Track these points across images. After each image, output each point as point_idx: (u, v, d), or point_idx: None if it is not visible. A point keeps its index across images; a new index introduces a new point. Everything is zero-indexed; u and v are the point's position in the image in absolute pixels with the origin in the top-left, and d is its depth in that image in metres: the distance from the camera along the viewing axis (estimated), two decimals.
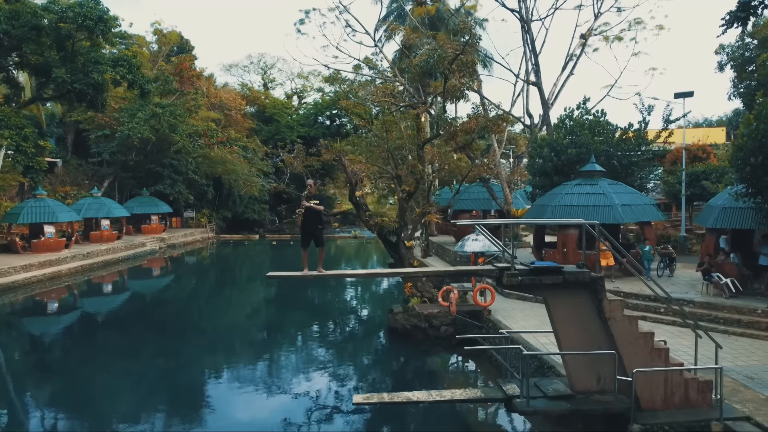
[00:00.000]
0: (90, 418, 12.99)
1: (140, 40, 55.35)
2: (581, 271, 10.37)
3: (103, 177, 47.34)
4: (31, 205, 33.56)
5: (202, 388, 15.27)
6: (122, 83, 19.97)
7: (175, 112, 44.36)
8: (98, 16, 18.14)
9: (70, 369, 17.35)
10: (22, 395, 15.02)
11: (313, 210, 10.22)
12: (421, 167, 20.24)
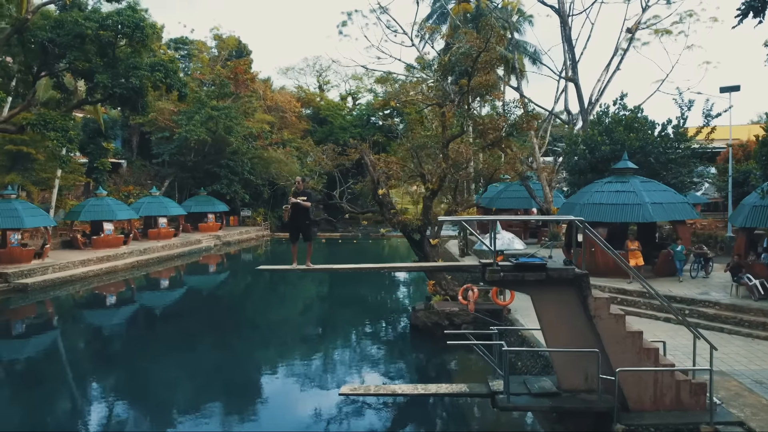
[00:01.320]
0: (146, 407, 13.98)
1: (200, 45, 57.73)
2: (565, 268, 10.25)
3: (164, 177, 49.72)
4: (91, 203, 35.78)
5: (246, 380, 15.93)
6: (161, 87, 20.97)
7: (230, 114, 46.08)
8: (135, 24, 19.22)
9: (127, 359, 18.60)
10: (84, 384, 16.28)
11: (301, 206, 10.57)
12: (444, 165, 20.27)
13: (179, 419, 12.91)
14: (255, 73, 55.54)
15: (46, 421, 13.25)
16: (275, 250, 49.11)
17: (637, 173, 20.79)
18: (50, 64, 20.32)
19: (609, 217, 19.36)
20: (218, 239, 45.91)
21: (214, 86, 49.85)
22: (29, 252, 29.61)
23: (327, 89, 69.23)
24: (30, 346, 21.35)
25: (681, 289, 17.61)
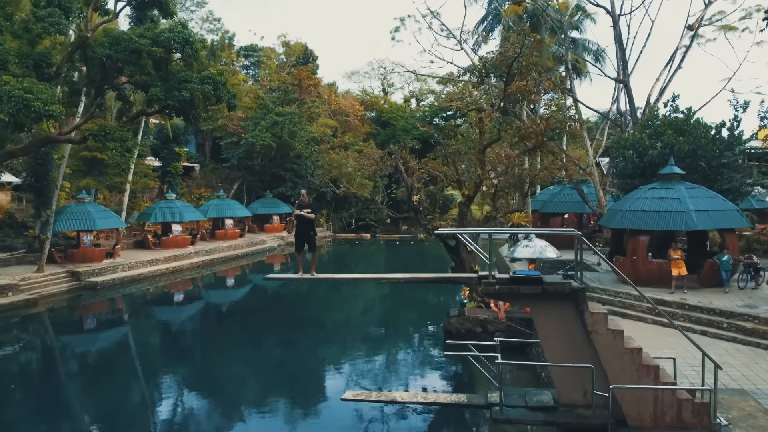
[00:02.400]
0: (209, 399, 15.26)
1: (268, 52, 59.78)
2: (561, 282, 10.19)
3: (234, 180, 51.92)
4: (161, 206, 38.05)
5: (302, 377, 16.95)
6: (211, 98, 22.17)
7: (294, 119, 47.56)
8: (185, 40, 20.41)
9: (189, 353, 20.24)
10: (150, 376, 17.71)
11: (305, 218, 11.06)
12: (480, 171, 20.25)
13: (230, 413, 13.94)
14: (319, 79, 56.89)
15: (117, 411, 14.56)
16: (336, 251, 50.27)
17: (685, 179, 19.96)
18: (111, 77, 21.88)
19: (651, 224, 18.73)
20: (282, 240, 47.49)
21: (279, 92, 51.49)
22: (101, 252, 31.88)
23: (391, 92, 69.84)
24: (99, 340, 23.24)
25: (723, 300, 16.82)
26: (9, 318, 23.45)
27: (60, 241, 32.40)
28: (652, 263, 18.95)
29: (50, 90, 18.03)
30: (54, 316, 25.25)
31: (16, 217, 34.03)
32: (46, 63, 19.87)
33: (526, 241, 19.25)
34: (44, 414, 14.24)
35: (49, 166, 29.94)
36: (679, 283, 18.14)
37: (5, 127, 17.66)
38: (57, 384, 17.42)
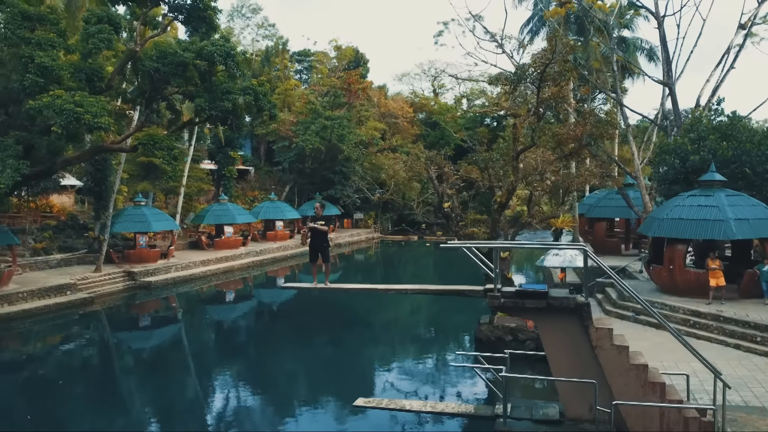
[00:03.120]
0: (265, 395, 16.20)
1: (320, 57, 60.91)
2: (565, 297, 10.19)
3: (286, 183, 53.27)
4: (215, 208, 39.54)
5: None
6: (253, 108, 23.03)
7: (342, 123, 48.38)
8: (226, 53, 21.28)
9: (238, 350, 21.40)
10: (202, 371, 18.83)
11: (318, 230, 11.49)
12: (513, 178, 20.20)
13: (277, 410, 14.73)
14: (368, 83, 57.52)
15: (171, 404, 15.66)
16: (384, 252, 50.79)
17: (728, 186, 19.28)
18: (160, 89, 23.04)
19: (688, 233, 18.20)
20: (330, 241, 48.31)
21: (329, 97, 52.44)
22: (156, 253, 33.48)
23: (441, 93, 69.80)
24: (152, 337, 24.66)
25: (761, 313, 16.17)
26: (67, 316, 25.02)
27: (118, 242, 34.26)
28: (689, 273, 18.42)
29: (100, 103, 19.18)
30: (109, 313, 26.74)
31: (78, 218, 36.16)
32: (98, 77, 21.15)
33: (555, 250, 19.17)
34: (103, 406, 15.44)
35: (107, 171, 31.75)
36: (717, 294, 17.56)
37: (59, 138, 18.90)
38: (112, 378, 18.71)
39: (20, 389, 17.13)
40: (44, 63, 18.85)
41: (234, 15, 66.68)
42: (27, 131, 20.62)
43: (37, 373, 18.81)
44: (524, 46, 25.16)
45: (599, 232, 30.43)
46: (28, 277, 27.56)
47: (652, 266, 19.83)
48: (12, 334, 22.25)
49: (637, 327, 17.90)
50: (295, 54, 65.07)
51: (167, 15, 22.90)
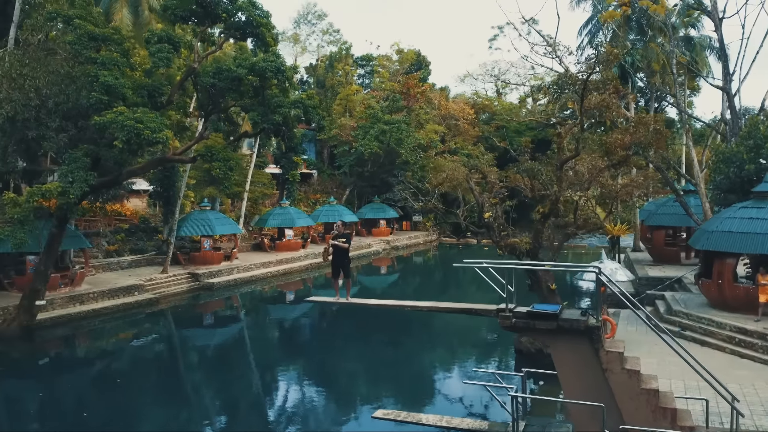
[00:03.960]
0: (329, 392, 17.43)
1: (381, 61, 61.61)
2: (576, 319, 10.20)
3: (346, 186, 54.37)
4: (276, 212, 41.02)
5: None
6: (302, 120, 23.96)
7: (400, 127, 48.87)
8: (276, 68, 22.21)
9: (294, 349, 22.72)
10: (263, 368, 20.23)
11: (340, 247, 12.01)
12: (557, 188, 19.99)
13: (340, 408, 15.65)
14: (427, 86, 57.66)
15: (235, 399, 16.88)
16: (442, 255, 50.88)
17: None
18: (217, 103, 24.30)
19: (738, 247, 17.52)
20: (387, 243, 49.03)
21: (388, 101, 53.06)
22: (219, 255, 35.15)
23: (505, 93, 69.00)
24: (214, 335, 26.27)
25: None
26: (134, 315, 26.82)
27: (186, 245, 36.19)
28: (738, 288, 17.72)
29: (159, 119, 20.51)
30: (173, 313, 28.45)
31: (149, 222, 38.40)
32: (159, 92, 22.57)
33: (596, 262, 18.87)
34: (169, 400, 16.95)
35: (175, 177, 33.65)
36: (766, 310, 16.84)
37: (121, 152, 20.36)
38: (175, 373, 20.26)
39: (90, 383, 18.74)
40: (108, 82, 20.38)
41: (300, 22, 68.54)
42: (95, 144, 22.23)
43: (103, 368, 20.50)
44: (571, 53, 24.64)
45: (658, 240, 29.49)
46: (100, 278, 29.69)
47: (701, 280, 19.18)
48: (82, 332, 24.12)
49: (681, 342, 17.36)
50: (358, 59, 66.06)
51: (223, 32, 24.11)
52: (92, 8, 23.06)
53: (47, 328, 22.89)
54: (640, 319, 20.47)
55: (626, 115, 23.07)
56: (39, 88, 22.24)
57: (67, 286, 26.42)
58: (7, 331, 20.98)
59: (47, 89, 22.23)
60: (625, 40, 30.83)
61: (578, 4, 33.56)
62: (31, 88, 22.17)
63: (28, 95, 22.07)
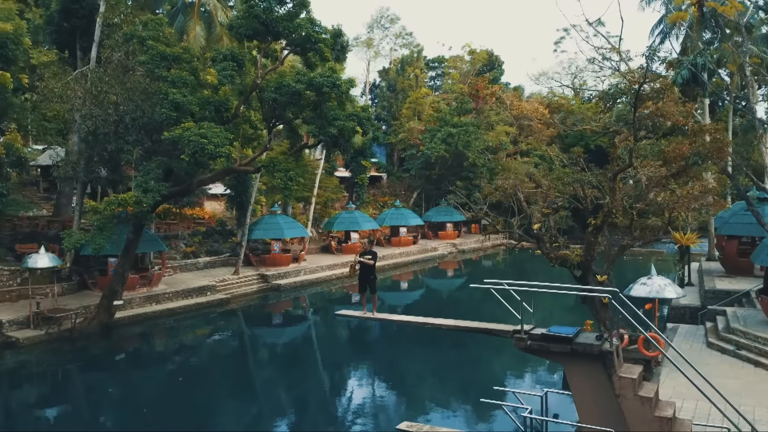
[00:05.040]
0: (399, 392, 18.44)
1: (450, 63, 61.65)
2: (589, 344, 10.24)
3: (414, 189, 54.92)
4: (343, 215, 42.24)
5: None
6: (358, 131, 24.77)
7: (468, 130, 48.84)
8: (332, 83, 23.06)
9: (367, 349, 23.99)
10: (331, 366, 21.58)
11: (366, 264, 12.56)
12: (609, 200, 19.63)
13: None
14: (497, 88, 57.15)
15: (305, 395, 18.16)
16: (512, 259, 50.31)
17: None
18: (280, 116, 25.52)
19: None
20: (454, 247, 49.14)
21: (456, 103, 53.09)
22: (288, 257, 36.67)
23: (581, 92, 67.02)
24: (282, 334, 27.79)
25: None
26: (206, 314, 28.58)
27: (259, 247, 38.00)
28: None
29: (223, 133, 21.82)
30: (242, 312, 30.11)
31: (226, 224, 40.57)
32: (225, 108, 23.99)
33: (644, 278, 18.42)
34: (236, 393, 18.33)
35: (247, 183, 35.40)
36: None
37: (188, 164, 21.87)
38: (245, 369, 21.70)
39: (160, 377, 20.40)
40: (176, 99, 21.92)
41: (374, 26, 69.66)
42: (169, 156, 23.95)
43: (175, 363, 22.23)
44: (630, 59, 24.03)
45: (730, 250, 28.04)
46: (177, 279, 31.78)
47: (761, 296, 18.30)
48: (156, 330, 25.99)
49: (734, 362, 16.80)
50: (429, 61, 66.41)
51: (285, 48, 25.25)
52: (164, 28, 24.74)
53: (124, 326, 24.89)
54: (696, 336, 19.98)
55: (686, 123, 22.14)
56: (117, 104, 24.35)
57: (145, 287, 28.54)
58: (88, 328, 23.01)
59: (124, 105, 24.28)
60: (698, 40, 29.45)
61: (648, 4, 32.33)
62: (109, 104, 24.32)
63: (107, 111, 24.21)
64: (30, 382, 19.60)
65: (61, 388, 19.38)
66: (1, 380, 19.29)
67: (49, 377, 20.24)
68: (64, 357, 21.43)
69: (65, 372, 20.65)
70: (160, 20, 24.71)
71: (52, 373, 20.53)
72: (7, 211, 25.95)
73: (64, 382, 19.90)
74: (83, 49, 29.08)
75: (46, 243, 26.70)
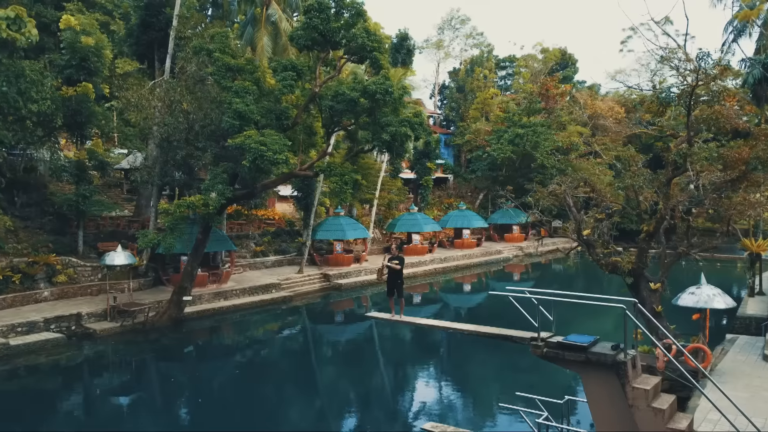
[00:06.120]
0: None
1: (521, 62, 60.86)
2: (603, 353, 10.34)
3: (480, 191, 54.73)
4: (405, 217, 42.88)
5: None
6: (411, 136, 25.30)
7: (537, 130, 48.16)
8: (385, 90, 23.73)
9: (425, 350, 24.53)
10: (395, 364, 22.66)
11: (393, 269, 13.11)
12: (662, 207, 19.20)
13: None
14: (567, 87, 55.92)
15: (368, 391, 19.17)
16: (583, 263, 49.08)
17: None
18: (336, 123, 26.50)
19: None
20: (520, 250, 48.60)
21: (524, 103, 52.45)
22: (350, 258, 37.73)
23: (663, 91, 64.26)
24: (346, 331, 28.86)
25: None
26: (270, 311, 30.03)
27: (324, 247, 39.35)
28: None
29: (282, 140, 22.99)
30: (304, 310, 31.37)
31: (294, 225, 42.20)
32: (285, 116, 25.21)
33: (693, 287, 17.89)
34: (296, 386, 19.52)
35: (312, 186, 36.77)
36: None
37: (249, 170, 23.19)
38: (305, 363, 22.86)
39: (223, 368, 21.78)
40: (239, 109, 23.29)
41: (444, 28, 69.86)
42: (234, 161, 25.43)
43: (238, 355, 23.71)
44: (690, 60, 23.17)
45: None
46: (245, 276, 33.52)
47: None
48: (222, 325, 27.60)
49: None
50: (500, 60, 65.84)
51: (342, 57, 26.16)
52: (230, 41, 26.26)
53: (193, 320, 26.63)
54: (754, 348, 19.18)
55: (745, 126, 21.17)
56: (187, 112, 26.13)
57: (214, 283, 30.34)
58: (159, 321, 24.85)
59: (194, 114, 26.01)
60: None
61: (720, 1, 30.94)
62: (180, 113, 26.12)
63: (178, 119, 26.02)
64: (106, 371, 21.46)
65: (134, 376, 21.11)
66: (81, 368, 21.27)
67: (123, 366, 22.11)
68: (136, 348, 23.27)
69: (138, 361, 22.43)
70: (226, 33, 26.22)
71: (126, 363, 22.42)
72: (90, 212, 28.34)
73: (136, 371, 21.63)
74: (160, 60, 31.19)
75: (126, 242, 29.07)
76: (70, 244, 28.29)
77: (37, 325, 22.17)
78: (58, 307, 24.10)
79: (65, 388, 19.40)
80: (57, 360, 21.07)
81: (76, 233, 28.74)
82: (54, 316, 22.88)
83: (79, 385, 19.98)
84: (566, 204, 21.18)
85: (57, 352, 21.51)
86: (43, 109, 24.17)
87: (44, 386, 19.14)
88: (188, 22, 29.95)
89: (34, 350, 21.04)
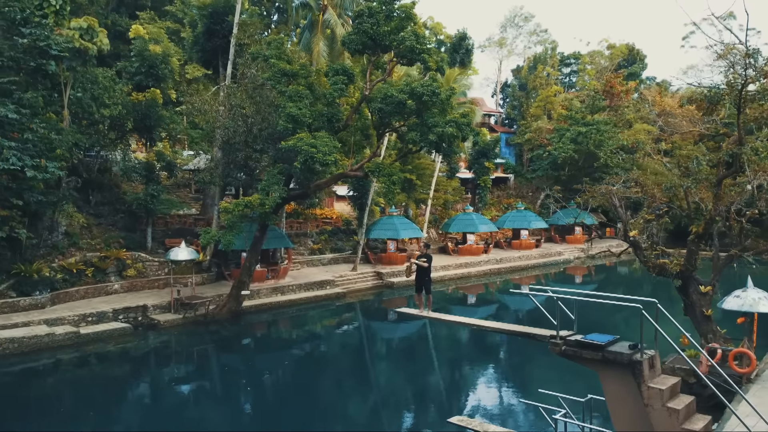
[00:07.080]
0: None
1: (585, 59, 59.51)
2: (619, 352, 10.43)
3: (541, 191, 53.97)
4: (460, 217, 43.02)
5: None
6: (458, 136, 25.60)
7: (600, 129, 47.09)
8: (432, 92, 24.15)
9: (467, 347, 24.93)
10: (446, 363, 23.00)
11: (421, 266, 13.56)
12: (713, 206, 18.73)
13: None
14: (632, 84, 54.21)
15: (405, 384, 19.90)
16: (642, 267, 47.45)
17: None
18: (386, 124, 27.16)
19: None
20: (582, 252, 47.63)
21: (588, 101, 51.35)
22: (403, 257, 38.27)
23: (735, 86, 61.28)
24: (392, 328, 29.38)
25: None
26: (325, 306, 31.09)
27: (379, 245, 40.14)
28: None
29: (331, 142, 23.88)
30: (357, 306, 32.24)
31: (351, 224, 43.21)
32: (336, 118, 26.09)
33: (739, 291, 17.34)
34: (346, 379, 20.61)
35: (367, 185, 37.60)
36: None
37: (301, 171, 24.19)
38: (357, 357, 23.69)
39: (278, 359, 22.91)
40: (292, 112, 24.34)
41: (507, 26, 69.23)
42: (290, 163, 26.55)
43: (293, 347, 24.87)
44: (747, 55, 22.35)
45: None
46: (302, 273, 34.75)
47: None
48: (278, 318, 28.81)
49: None
50: (565, 57, 64.59)
51: (392, 60, 26.79)
52: (285, 48, 27.40)
53: (251, 313, 27.98)
54: None
55: None
56: (246, 116, 27.47)
57: (273, 279, 31.70)
58: (219, 314, 26.29)
59: (253, 117, 27.32)
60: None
61: None
62: (240, 116, 27.49)
63: (237, 122, 27.40)
64: (169, 359, 22.99)
65: (195, 365, 22.49)
66: (146, 356, 22.87)
67: (185, 355, 23.56)
68: (197, 338, 24.74)
69: (198, 351, 23.82)
70: (282, 40, 27.37)
71: (187, 352, 23.86)
72: (159, 210, 30.24)
73: (197, 360, 23.00)
74: (224, 66, 32.84)
75: (190, 238, 30.82)
76: (139, 240, 30.31)
77: (106, 316, 24.01)
78: (126, 299, 25.97)
79: (131, 374, 20.93)
80: (124, 348, 22.73)
81: (145, 230, 30.74)
82: (122, 307, 24.69)
83: (145, 371, 21.50)
84: (612, 204, 20.93)
85: (124, 340, 23.21)
86: (115, 113, 26.09)
87: (111, 372, 20.74)
88: (247, 29, 31.39)
89: (102, 338, 22.80)
